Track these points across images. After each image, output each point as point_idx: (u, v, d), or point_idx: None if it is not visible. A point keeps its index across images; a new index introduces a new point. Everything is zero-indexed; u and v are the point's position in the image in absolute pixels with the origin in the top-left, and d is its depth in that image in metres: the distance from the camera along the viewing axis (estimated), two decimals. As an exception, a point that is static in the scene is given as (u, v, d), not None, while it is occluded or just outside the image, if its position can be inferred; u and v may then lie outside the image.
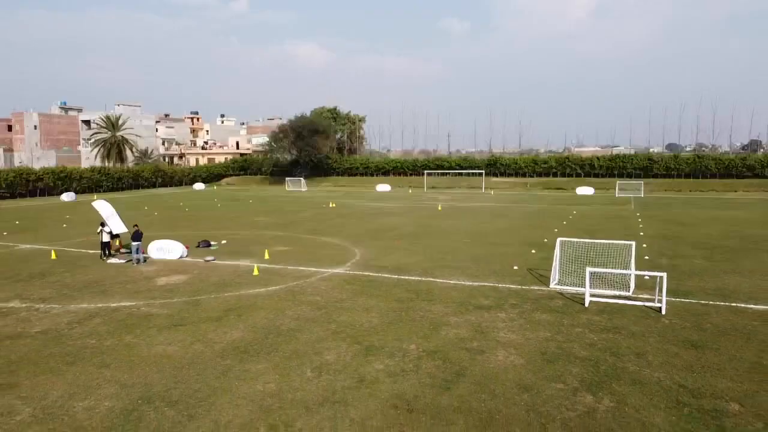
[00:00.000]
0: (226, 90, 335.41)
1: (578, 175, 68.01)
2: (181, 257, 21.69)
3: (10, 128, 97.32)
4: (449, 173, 72.78)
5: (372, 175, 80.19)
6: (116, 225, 22.53)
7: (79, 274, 19.07)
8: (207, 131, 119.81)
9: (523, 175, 71.62)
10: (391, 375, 10.11)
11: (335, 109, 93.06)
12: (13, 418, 8.60)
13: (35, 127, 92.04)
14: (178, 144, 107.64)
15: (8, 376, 10.24)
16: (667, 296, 14.31)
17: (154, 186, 70.89)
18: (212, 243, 24.82)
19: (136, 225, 21.58)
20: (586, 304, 14.51)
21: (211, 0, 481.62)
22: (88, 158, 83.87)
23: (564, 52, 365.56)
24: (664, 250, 22.89)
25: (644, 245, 23.83)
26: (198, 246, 23.99)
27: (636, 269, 15.87)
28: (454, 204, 47.28)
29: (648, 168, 65.61)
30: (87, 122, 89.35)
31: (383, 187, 67.99)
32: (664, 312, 13.80)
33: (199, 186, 73.83)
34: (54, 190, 57.50)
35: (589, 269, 14.76)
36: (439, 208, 43.50)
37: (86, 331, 12.84)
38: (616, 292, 15.52)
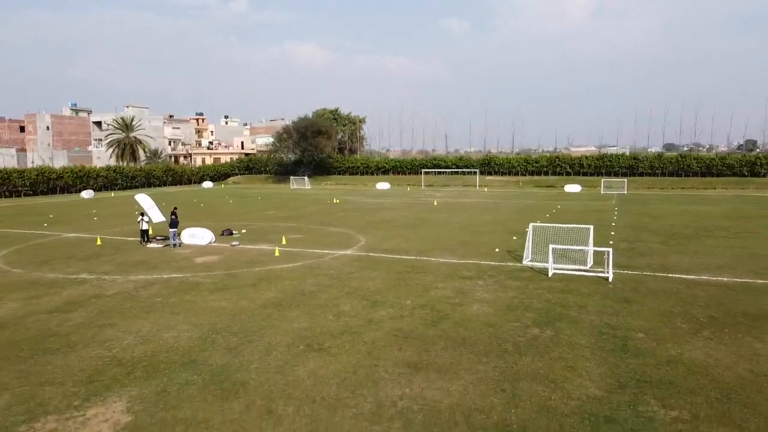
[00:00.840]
0: (226, 90, 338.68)
1: (568, 174, 71.55)
2: (209, 243, 25.13)
3: (22, 129, 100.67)
4: (446, 172, 76.30)
5: (372, 174, 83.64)
6: (156, 215, 25.96)
7: (127, 255, 22.53)
8: (212, 132, 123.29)
9: (516, 173, 75.17)
10: (392, 318, 13.56)
11: (337, 110, 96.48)
12: (121, 343, 12.03)
13: (47, 128, 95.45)
14: (183, 144, 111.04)
15: (106, 320, 13.69)
16: (617, 269, 17.81)
17: (165, 184, 74.37)
18: (234, 231, 28.26)
19: (175, 210, 25.05)
20: (550, 275, 17.97)
21: (211, 0, 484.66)
22: (100, 158, 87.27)
23: (562, 52, 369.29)
24: (628, 237, 26.38)
25: (612, 233, 27.33)
26: (222, 234, 27.42)
27: (612, 257, 19.32)
28: (449, 200, 50.74)
29: (634, 167, 69.20)
30: (98, 123, 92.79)
31: (383, 186, 71.49)
32: (611, 280, 17.25)
33: (207, 184, 77.34)
34: (72, 188, 60.97)
35: (551, 246, 18.25)
36: (435, 203, 46.99)
37: (151, 293, 16.28)
38: (576, 266, 18.98)
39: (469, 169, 74.49)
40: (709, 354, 10.99)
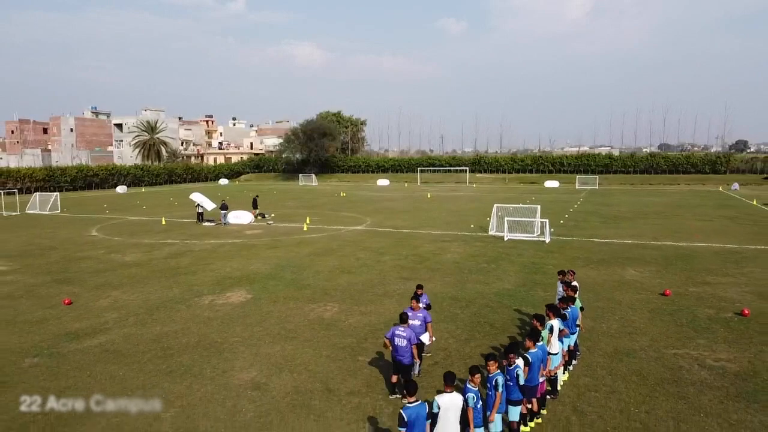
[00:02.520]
0: (226, 91, 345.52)
1: (550, 172, 78.83)
2: (250, 222, 32.30)
3: (45, 131, 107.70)
4: (440, 170, 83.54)
5: (373, 172, 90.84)
6: (208, 204, 33.10)
7: (192, 231, 29.70)
8: (221, 133, 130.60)
9: (504, 171, 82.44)
10: (393, 260, 20.75)
11: (339, 113, 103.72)
12: (224, 270, 19.17)
13: (71, 129, 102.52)
14: (195, 144, 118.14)
15: (205, 262, 20.85)
16: (556, 237, 25.04)
17: (185, 181, 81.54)
18: (265, 214, 35.45)
19: (224, 200, 32.22)
20: (505, 239, 25.14)
21: (208, 0, 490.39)
22: (121, 157, 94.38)
23: (559, 53, 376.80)
24: (577, 218, 33.60)
25: (566, 216, 34.59)
26: (256, 216, 34.57)
27: (549, 228, 26.33)
28: (441, 194, 57.95)
29: (608, 165, 76.54)
30: (119, 125, 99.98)
31: (383, 182, 78.70)
32: (547, 242, 24.44)
33: (223, 181, 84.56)
34: (105, 184, 68.17)
35: (507, 218, 25.49)
36: (429, 196, 54.22)
37: (227, 250, 23.46)
38: (526, 234, 26.17)
39: (461, 168, 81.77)
40: (588, 275, 18.14)
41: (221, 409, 8.75)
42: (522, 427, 7.90)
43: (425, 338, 10.00)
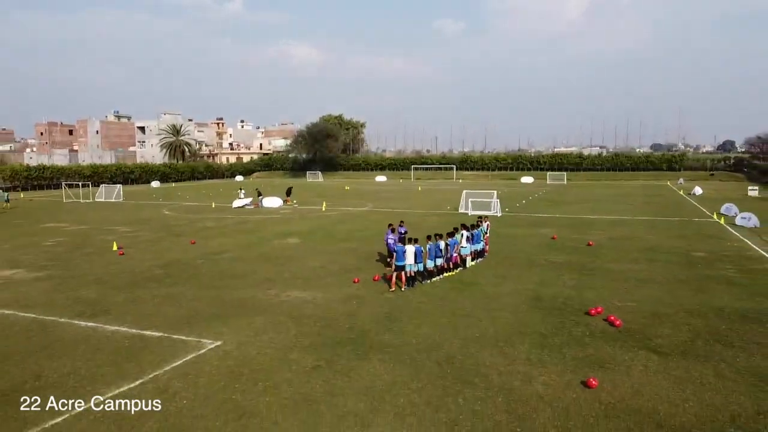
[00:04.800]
0: (226, 91, 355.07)
1: (528, 169, 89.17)
2: (280, 206, 42.43)
3: (71, 132, 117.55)
4: (431, 168, 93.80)
5: (372, 170, 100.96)
6: (245, 198, 43.23)
7: (238, 212, 39.78)
8: (230, 134, 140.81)
9: (488, 169, 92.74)
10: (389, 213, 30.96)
11: (341, 116, 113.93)
12: (278, 229, 29.28)
13: (96, 131, 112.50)
14: (207, 145, 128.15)
15: (264, 226, 30.96)
16: (509, 213, 35.22)
17: (206, 177, 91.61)
18: (291, 199, 45.57)
19: (258, 189, 42.36)
20: (469, 214, 35.32)
21: (206, 0, 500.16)
22: (143, 156, 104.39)
23: (555, 53, 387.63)
24: (532, 203, 43.80)
25: (523, 201, 44.84)
26: (284, 202, 44.69)
27: (500, 207, 36.34)
28: (430, 188, 68.16)
29: (579, 164, 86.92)
30: (142, 128, 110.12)
31: (381, 178, 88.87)
32: (499, 215, 34.61)
33: (239, 178, 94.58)
34: (139, 180, 78.23)
35: (470, 199, 35.71)
36: (419, 188, 64.44)
37: (273, 219, 33.57)
38: (486, 211, 36.30)
39: (449, 166, 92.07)
40: (517, 231, 28.27)
41: (303, 273, 18.86)
42: (438, 276, 18.00)
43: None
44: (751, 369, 9.92)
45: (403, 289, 16.07)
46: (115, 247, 23.40)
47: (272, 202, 42.72)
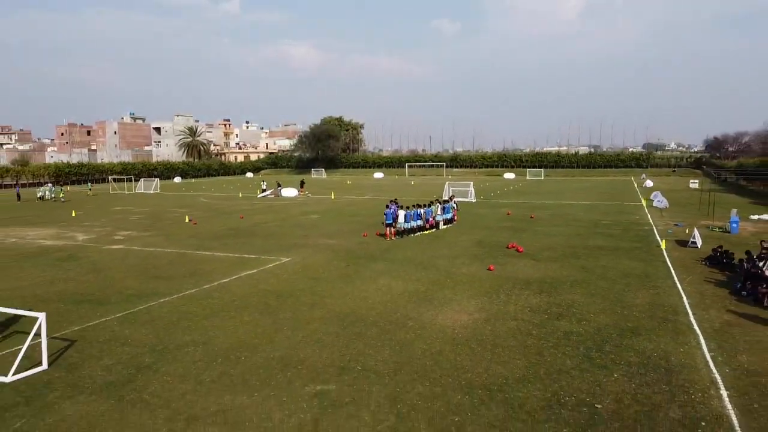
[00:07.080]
0: (226, 91, 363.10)
1: (512, 166, 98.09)
2: (295, 195, 51.17)
3: (89, 133, 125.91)
4: (424, 166, 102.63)
5: (370, 168, 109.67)
6: (267, 189, 51.95)
7: (263, 200, 48.48)
8: (236, 135, 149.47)
9: (476, 166, 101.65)
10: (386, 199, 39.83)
11: (341, 118, 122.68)
12: (301, 210, 38.03)
13: (114, 132, 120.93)
14: (215, 145, 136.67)
15: (288, 208, 39.70)
16: (481, 200, 44.04)
17: (219, 174, 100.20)
18: (304, 190, 54.33)
19: (278, 181, 51.14)
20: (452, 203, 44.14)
21: (203, 0, 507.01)
22: (159, 156, 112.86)
23: (553, 52, 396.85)
24: (503, 193, 52.64)
25: (498, 191, 53.72)
26: (299, 192, 53.41)
27: (474, 195, 45.13)
28: (422, 182, 76.97)
29: (557, 161, 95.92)
30: (157, 129, 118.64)
31: (378, 175, 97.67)
32: (474, 201, 43.40)
33: (249, 174, 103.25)
34: (162, 176, 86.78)
35: (451, 188, 44.57)
36: (413, 183, 73.27)
37: (294, 204, 42.31)
38: (464, 199, 45.07)
39: (441, 164, 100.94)
40: (484, 211, 37.08)
41: (327, 232, 27.59)
42: (419, 232, 26.76)
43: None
44: (572, 264, 18.74)
45: (394, 238, 24.83)
46: (187, 219, 32.08)
47: (289, 192, 51.44)
